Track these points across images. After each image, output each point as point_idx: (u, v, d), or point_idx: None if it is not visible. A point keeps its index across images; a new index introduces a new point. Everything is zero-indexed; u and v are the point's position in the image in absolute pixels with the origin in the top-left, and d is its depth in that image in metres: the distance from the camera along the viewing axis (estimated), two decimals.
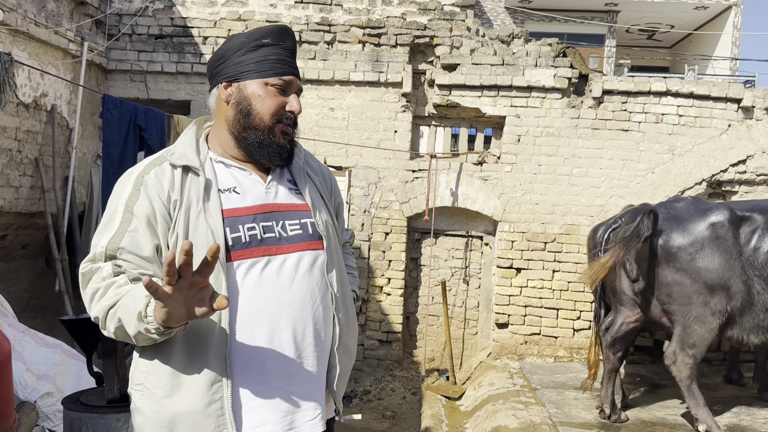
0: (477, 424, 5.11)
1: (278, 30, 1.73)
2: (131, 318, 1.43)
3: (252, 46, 1.68)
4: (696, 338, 4.28)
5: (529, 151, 6.56)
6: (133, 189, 1.59)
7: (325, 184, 1.90)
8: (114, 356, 2.75)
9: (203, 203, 1.59)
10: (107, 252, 1.53)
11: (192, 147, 1.68)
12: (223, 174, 1.69)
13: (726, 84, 6.65)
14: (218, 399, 1.54)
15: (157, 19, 6.73)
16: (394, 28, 6.61)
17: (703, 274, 4.24)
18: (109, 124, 4.15)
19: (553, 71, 6.47)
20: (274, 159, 1.70)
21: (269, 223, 1.65)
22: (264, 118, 1.67)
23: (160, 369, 1.57)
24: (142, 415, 1.60)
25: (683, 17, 16.07)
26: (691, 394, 4.30)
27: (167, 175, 1.61)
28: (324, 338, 1.72)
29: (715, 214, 4.36)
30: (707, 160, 6.44)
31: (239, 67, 1.68)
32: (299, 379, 1.66)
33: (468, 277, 6.95)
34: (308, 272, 1.68)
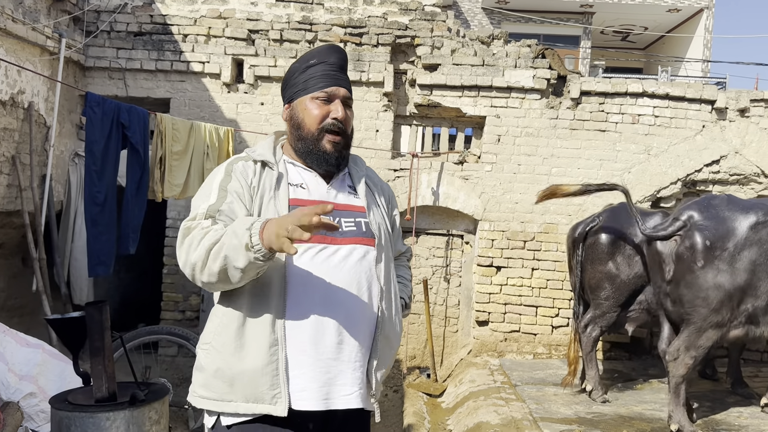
0: (459, 420, 5.17)
1: (325, 49, 1.97)
2: (239, 251, 1.61)
3: (303, 68, 1.94)
4: (705, 341, 4.25)
5: (509, 151, 6.64)
6: (225, 174, 1.87)
7: (383, 196, 2.10)
8: (102, 355, 2.74)
9: (274, 191, 1.84)
10: (207, 213, 1.77)
11: (269, 149, 1.95)
12: (293, 172, 1.93)
13: (700, 85, 6.81)
14: (275, 360, 1.74)
15: (137, 16, 6.66)
16: (376, 28, 6.64)
17: (739, 278, 4.14)
18: (92, 122, 4.11)
19: (532, 72, 6.56)
20: (321, 165, 1.92)
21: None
22: (311, 128, 1.90)
23: (228, 330, 1.78)
24: (204, 372, 1.81)
25: (657, 19, 16.34)
26: (676, 392, 4.34)
27: (250, 167, 1.88)
28: (367, 324, 1.88)
29: (757, 214, 4.22)
30: (682, 160, 6.58)
31: (294, 89, 1.95)
32: (341, 356, 1.81)
33: (449, 276, 7.02)
34: (358, 262, 1.86)
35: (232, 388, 1.76)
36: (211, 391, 1.79)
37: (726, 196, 4.49)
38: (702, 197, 4.58)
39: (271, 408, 1.74)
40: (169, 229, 6.59)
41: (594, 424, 4.61)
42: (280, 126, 6.64)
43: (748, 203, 4.43)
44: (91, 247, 4.24)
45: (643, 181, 6.57)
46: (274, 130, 2.15)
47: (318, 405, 1.79)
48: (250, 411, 1.75)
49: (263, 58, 6.62)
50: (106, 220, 4.25)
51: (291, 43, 6.65)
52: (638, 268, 5.07)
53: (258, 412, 1.75)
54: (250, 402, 1.75)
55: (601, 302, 5.19)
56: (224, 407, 1.78)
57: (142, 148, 4.41)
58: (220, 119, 6.56)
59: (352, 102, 2.00)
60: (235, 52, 6.62)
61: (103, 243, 4.24)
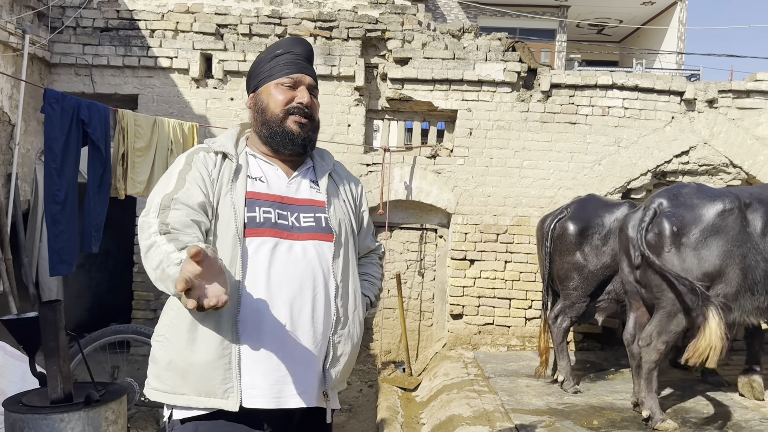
0: (432, 413, 5.18)
1: (291, 40, 1.99)
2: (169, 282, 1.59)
3: (269, 58, 1.96)
4: (676, 326, 4.30)
5: (481, 144, 6.65)
6: (185, 164, 1.85)
7: (350, 192, 2.08)
8: (57, 355, 2.69)
9: (231, 184, 1.83)
10: (162, 202, 1.74)
11: (231, 140, 1.95)
12: (254, 165, 1.93)
13: (669, 77, 6.86)
14: (227, 354, 1.73)
15: (103, 11, 6.56)
16: (346, 22, 6.60)
17: (707, 263, 4.21)
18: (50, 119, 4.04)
19: (502, 65, 6.56)
20: (287, 145, 1.91)
21: (285, 213, 1.86)
22: (275, 110, 1.90)
23: (182, 323, 1.77)
24: (157, 364, 1.81)
25: (631, 12, 16.46)
26: (649, 378, 4.37)
27: (211, 158, 1.88)
28: (321, 323, 1.84)
29: (725, 201, 4.31)
30: (652, 152, 6.63)
31: (258, 77, 1.97)
32: (293, 354, 1.79)
33: (423, 270, 7.02)
34: (314, 259, 1.85)
35: (185, 381, 1.75)
36: (164, 383, 1.78)
37: (696, 184, 4.55)
38: (673, 185, 4.65)
39: (222, 402, 1.73)
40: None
41: (565, 415, 4.64)
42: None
43: (717, 191, 4.49)
44: (52, 246, 4.17)
45: (613, 173, 6.61)
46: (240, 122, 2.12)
47: (269, 403, 1.77)
48: (202, 405, 1.74)
49: (232, 53, 6.56)
50: (68, 219, 4.17)
51: (260, 37, 6.60)
52: (606, 258, 5.11)
53: (210, 407, 1.74)
54: (202, 396, 1.74)
55: (570, 293, 5.22)
56: (176, 400, 1.77)
57: (104, 144, 4.34)
58: (189, 115, 6.49)
59: (318, 93, 2.00)
60: (203, 47, 6.55)
61: (64, 242, 4.17)
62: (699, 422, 4.50)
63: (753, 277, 4.31)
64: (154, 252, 1.65)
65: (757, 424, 4.43)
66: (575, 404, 4.90)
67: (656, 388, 4.41)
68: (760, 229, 4.32)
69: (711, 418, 4.57)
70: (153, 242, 1.66)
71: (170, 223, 1.69)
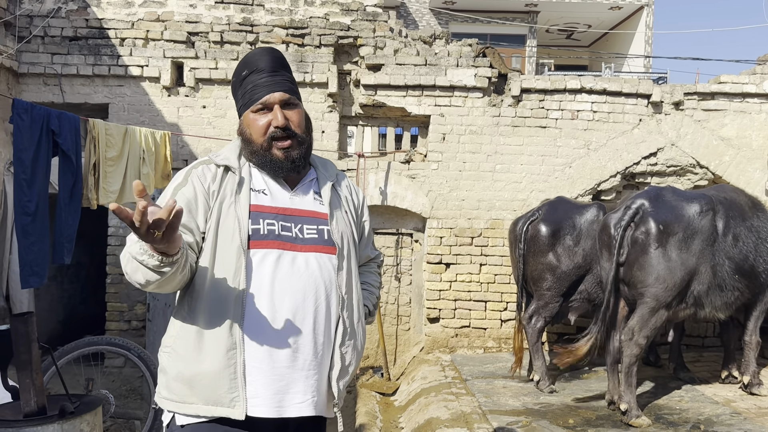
0: (410, 417, 5.20)
1: (254, 56, 1.95)
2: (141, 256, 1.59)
3: (239, 82, 1.95)
4: (657, 321, 4.45)
5: (454, 149, 6.71)
6: (183, 179, 1.87)
7: (353, 203, 2.10)
8: (30, 368, 2.67)
9: (235, 196, 1.85)
10: None
11: (234, 153, 1.95)
12: (257, 177, 1.94)
13: (636, 80, 7.00)
14: (233, 364, 1.76)
15: (71, 20, 6.49)
16: (318, 29, 6.63)
17: (689, 261, 4.41)
18: (20, 129, 3.98)
19: (473, 71, 6.64)
20: (278, 173, 1.92)
21: (288, 224, 1.87)
22: (257, 140, 1.90)
23: (188, 334, 1.80)
24: (167, 374, 1.83)
25: (599, 17, 16.76)
26: (629, 373, 4.48)
27: (211, 171, 1.89)
28: (323, 333, 1.87)
29: (701, 203, 4.51)
30: (621, 154, 6.76)
31: (238, 104, 1.97)
32: (295, 364, 1.82)
33: (400, 274, 7.05)
34: (317, 271, 1.87)
35: (192, 391, 1.78)
36: (173, 392, 1.81)
37: (670, 187, 4.78)
38: (648, 188, 4.85)
39: (229, 411, 1.77)
40: (112, 237, 6.44)
41: (541, 415, 4.69)
42: (222, 129, 6.58)
43: (691, 194, 4.74)
44: (23, 258, 4.11)
45: (583, 175, 6.72)
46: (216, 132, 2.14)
47: (270, 412, 1.80)
48: (210, 413, 1.78)
49: (204, 60, 6.54)
50: (38, 230, 4.11)
51: (232, 44, 6.59)
52: (578, 258, 5.20)
53: (217, 415, 1.78)
54: (210, 404, 1.77)
55: (543, 293, 5.30)
56: (185, 409, 1.80)
57: (74, 154, 4.29)
58: (161, 124, 6.45)
59: (297, 97, 1.96)
60: (174, 55, 6.52)
61: (35, 253, 4.11)
62: (672, 418, 4.59)
63: (721, 275, 4.49)
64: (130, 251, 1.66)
65: (728, 419, 4.53)
66: (551, 404, 4.96)
67: (635, 383, 4.52)
68: (722, 229, 4.53)
69: (683, 414, 4.67)
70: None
71: None
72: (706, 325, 6.78)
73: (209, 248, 1.81)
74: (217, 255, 1.80)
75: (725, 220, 4.56)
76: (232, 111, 6.38)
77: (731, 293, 4.57)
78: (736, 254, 4.54)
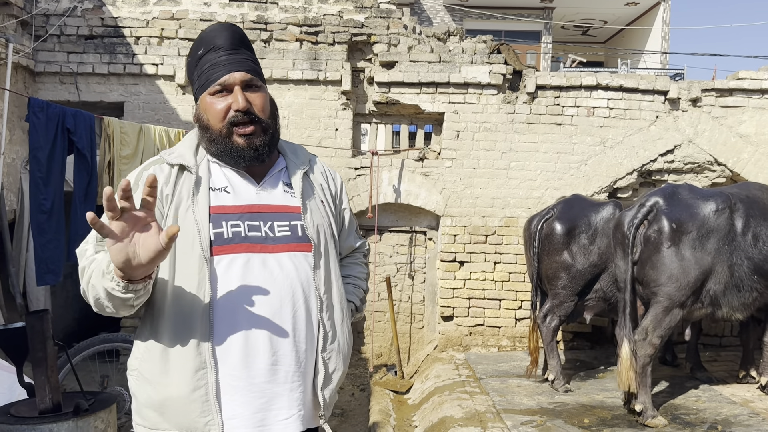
0: (424, 416, 5.18)
1: (209, 34, 1.73)
2: (98, 278, 1.50)
3: (194, 62, 1.74)
4: (671, 321, 4.40)
5: (468, 147, 6.68)
6: (133, 183, 1.68)
7: (330, 190, 1.91)
8: (45, 365, 2.68)
9: (192, 198, 1.66)
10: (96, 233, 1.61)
11: (191, 149, 1.76)
12: (217, 174, 1.75)
13: (653, 77, 6.92)
14: (203, 385, 1.61)
15: (87, 19, 6.54)
16: (332, 26, 6.62)
17: (703, 260, 4.35)
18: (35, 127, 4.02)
19: (488, 68, 6.60)
20: (239, 162, 1.72)
21: (256, 223, 1.69)
22: (216, 126, 1.70)
23: (152, 355, 1.64)
24: (137, 399, 1.69)
25: (615, 13, 16.59)
26: (643, 373, 4.43)
27: (165, 172, 1.70)
28: (304, 341, 1.72)
29: (718, 201, 4.46)
30: (637, 151, 6.68)
31: (194, 86, 1.76)
32: (276, 378, 1.67)
33: (413, 272, 7.03)
34: (292, 272, 1.70)
35: (164, 417, 1.64)
36: (145, 419, 1.67)
37: (686, 184, 4.71)
38: (664, 185, 4.79)
39: None
40: None
41: (556, 414, 4.66)
42: None
43: (708, 192, 4.66)
44: (39, 256, 4.14)
45: (599, 173, 6.66)
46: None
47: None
48: None
49: None
50: (54, 228, 4.15)
51: None
52: (593, 257, 5.15)
53: None
54: (184, 430, 1.62)
55: (558, 292, 5.25)
56: None
57: (89, 153, 4.32)
58: (175, 121, 6.47)
59: (261, 79, 1.76)
60: None
61: (51, 251, 4.14)
62: (689, 418, 4.53)
63: (739, 275, 4.42)
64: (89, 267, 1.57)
65: (746, 419, 4.47)
66: (566, 403, 4.92)
67: (650, 383, 4.47)
68: (741, 228, 4.45)
69: (700, 414, 4.61)
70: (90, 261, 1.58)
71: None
72: (724, 324, 6.70)
73: (167, 260, 1.62)
74: (177, 266, 1.63)
75: (745, 218, 4.48)
76: None
77: (749, 294, 4.49)
78: (756, 254, 4.46)
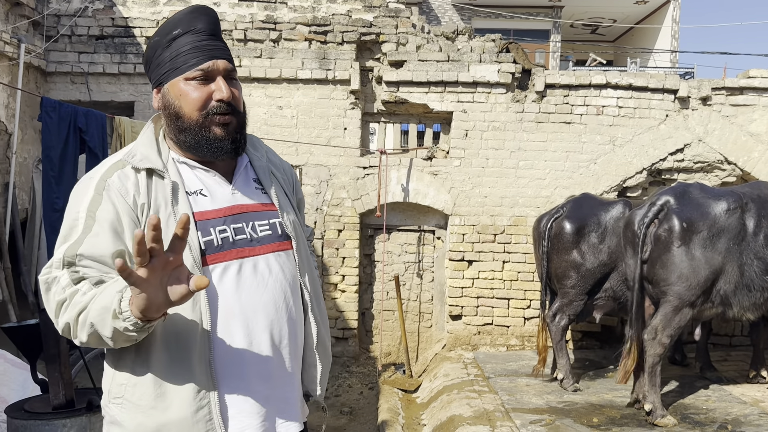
0: (432, 414, 5.19)
1: (188, 14, 1.59)
2: (105, 318, 1.35)
3: (166, 42, 1.57)
4: (681, 320, 4.39)
5: (477, 146, 6.68)
6: (95, 194, 1.49)
7: (287, 181, 1.83)
8: (58, 362, 2.71)
9: (173, 207, 1.52)
10: (65, 259, 1.43)
11: (153, 147, 1.59)
12: (188, 176, 1.60)
13: (663, 75, 6.90)
14: (206, 404, 1.50)
15: (98, 19, 6.59)
16: (340, 26, 6.63)
17: (714, 260, 4.35)
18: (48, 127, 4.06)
19: (497, 66, 6.59)
20: (216, 154, 1.59)
21: (239, 225, 1.60)
22: (192, 115, 1.55)
23: (143, 380, 1.50)
24: (123, 427, 1.53)
25: (625, 11, 16.52)
26: (653, 373, 4.43)
27: (131, 179, 1.52)
28: (299, 338, 1.70)
29: (729, 200, 4.45)
30: (647, 150, 6.66)
31: (160, 69, 1.58)
32: (277, 382, 1.64)
33: (421, 271, 7.04)
34: (280, 273, 1.64)
35: None
36: None
37: (697, 183, 4.70)
38: (675, 184, 4.79)
39: None
40: None
41: (565, 413, 4.66)
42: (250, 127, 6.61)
43: (719, 191, 4.65)
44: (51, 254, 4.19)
45: (609, 172, 6.64)
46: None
47: None
48: None
49: None
50: None
51: (255, 42, 6.63)
52: (603, 256, 5.15)
53: None
54: None
55: (567, 291, 5.25)
56: None
57: (101, 152, 4.36)
58: None
59: (236, 74, 1.65)
60: None
61: None
62: (698, 418, 4.52)
63: (749, 274, 4.41)
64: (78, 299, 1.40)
65: (756, 419, 4.45)
66: (575, 402, 4.92)
67: (659, 383, 4.46)
68: (752, 227, 4.43)
69: (710, 414, 4.60)
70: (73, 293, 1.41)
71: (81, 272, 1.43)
72: (734, 324, 6.66)
73: None
74: None
75: (756, 218, 4.46)
76: (255, 108, 6.42)
77: (760, 294, 4.47)
78: (767, 254, 4.44)
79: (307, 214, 6.66)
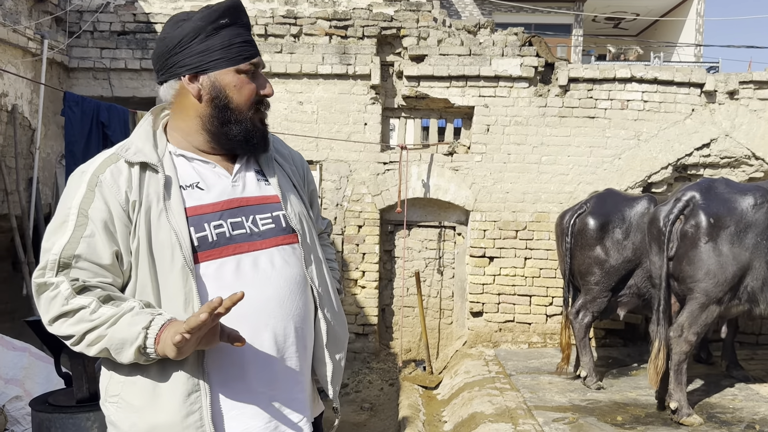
0: (453, 411, 5.16)
1: (233, 6, 1.56)
2: (126, 349, 1.39)
3: (211, 29, 1.51)
4: (707, 317, 4.32)
5: (499, 141, 6.61)
6: (87, 190, 1.46)
7: (296, 172, 1.77)
8: (82, 356, 2.71)
9: (164, 202, 1.47)
10: (61, 260, 1.41)
11: (149, 141, 1.54)
12: (184, 168, 1.55)
13: (689, 69, 6.77)
14: (197, 410, 1.46)
15: (119, 15, 6.62)
16: (361, 20, 6.60)
17: (741, 256, 4.27)
18: (71, 121, 4.08)
19: (519, 60, 6.51)
20: (259, 148, 1.61)
21: (238, 219, 1.54)
22: (244, 108, 1.55)
23: (138, 379, 1.48)
24: (118, 428, 1.51)
25: (648, 5, 16.30)
26: (678, 370, 4.36)
27: (124, 174, 1.48)
28: (307, 337, 1.64)
29: (756, 195, 4.35)
30: (672, 145, 6.55)
31: (204, 56, 1.51)
32: (283, 382, 1.58)
33: (442, 268, 6.99)
34: (285, 269, 1.57)
35: None
36: None
37: (723, 178, 4.61)
38: (700, 180, 4.70)
39: None
40: None
41: (588, 411, 4.60)
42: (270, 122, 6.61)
43: (745, 186, 4.55)
44: None
45: (633, 167, 6.54)
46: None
47: None
48: None
49: None
50: None
51: (276, 37, 6.61)
52: (627, 252, 5.07)
53: None
54: None
55: (591, 288, 5.17)
56: None
57: None
58: None
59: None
60: None
61: None
62: (725, 417, 4.43)
63: None
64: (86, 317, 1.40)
65: None
66: (598, 400, 4.85)
67: (685, 381, 4.39)
68: None
69: (737, 413, 4.51)
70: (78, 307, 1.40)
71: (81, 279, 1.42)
72: (761, 322, 6.53)
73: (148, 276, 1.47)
74: (160, 282, 1.46)
75: None
76: (276, 104, 6.40)
77: None
78: None
79: (327, 210, 6.64)
